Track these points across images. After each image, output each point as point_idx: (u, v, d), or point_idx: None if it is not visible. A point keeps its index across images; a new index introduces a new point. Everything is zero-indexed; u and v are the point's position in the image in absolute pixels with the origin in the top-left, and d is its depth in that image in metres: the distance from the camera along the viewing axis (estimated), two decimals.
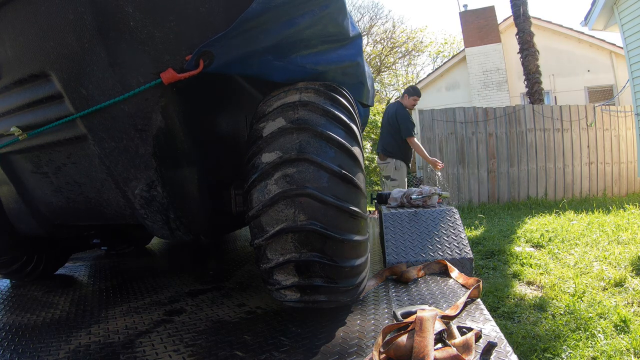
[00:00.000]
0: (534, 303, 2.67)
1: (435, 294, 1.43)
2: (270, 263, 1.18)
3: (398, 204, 2.29)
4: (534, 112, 7.76)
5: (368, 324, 1.22)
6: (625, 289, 2.73)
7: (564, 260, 3.52)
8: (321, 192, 1.14)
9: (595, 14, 7.83)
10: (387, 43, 22.06)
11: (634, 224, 4.50)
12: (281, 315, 1.35)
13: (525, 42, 9.81)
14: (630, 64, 7.22)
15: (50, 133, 1.32)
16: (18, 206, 1.68)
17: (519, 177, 7.71)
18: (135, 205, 1.37)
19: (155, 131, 1.22)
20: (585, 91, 11.51)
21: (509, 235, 4.61)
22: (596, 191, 7.90)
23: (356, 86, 1.79)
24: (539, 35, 10.51)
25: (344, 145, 1.22)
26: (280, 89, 1.33)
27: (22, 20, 1.14)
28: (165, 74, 1.13)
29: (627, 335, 2.09)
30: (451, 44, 22.77)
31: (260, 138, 1.22)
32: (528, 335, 2.19)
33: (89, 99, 1.17)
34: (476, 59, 12.26)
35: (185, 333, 1.23)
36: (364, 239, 1.29)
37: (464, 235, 1.83)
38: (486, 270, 3.48)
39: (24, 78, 1.24)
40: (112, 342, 1.19)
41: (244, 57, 1.23)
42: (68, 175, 1.47)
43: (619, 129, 8.05)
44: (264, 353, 1.06)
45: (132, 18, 1.08)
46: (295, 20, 1.31)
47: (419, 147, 4.69)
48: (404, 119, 4.62)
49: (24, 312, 1.53)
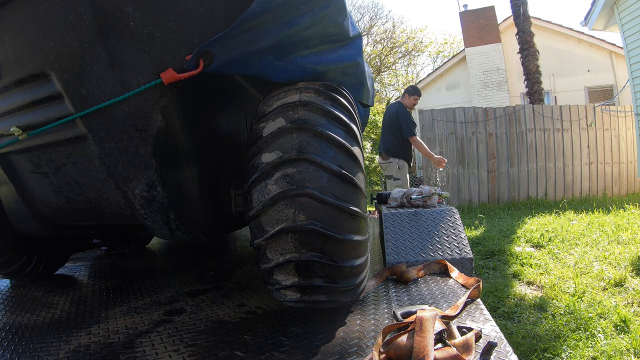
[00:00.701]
0: (534, 303, 2.67)
1: (435, 294, 1.43)
2: (270, 263, 1.18)
3: (398, 204, 2.29)
4: (534, 112, 7.76)
5: (368, 324, 1.22)
6: (625, 289, 2.73)
7: (564, 260, 3.52)
8: (321, 192, 1.14)
9: (595, 14, 7.83)
10: (387, 43, 22.08)
11: (634, 224, 4.50)
12: (281, 315, 1.35)
13: (525, 42, 9.81)
14: (630, 64, 7.21)
15: (50, 133, 1.32)
16: (18, 206, 1.68)
17: (519, 177, 7.71)
18: (135, 205, 1.37)
19: (155, 131, 1.22)
20: (585, 91, 11.50)
21: (509, 235, 4.61)
22: (596, 191, 7.90)
23: (356, 86, 1.79)
24: (539, 35, 10.51)
25: (344, 145, 1.22)
26: (280, 89, 1.33)
27: (22, 20, 1.14)
28: (165, 74, 1.13)
29: (627, 335, 2.09)
30: (451, 44, 22.81)
31: (260, 138, 1.22)
32: (528, 335, 2.19)
33: (89, 99, 1.17)
34: (476, 59, 12.26)
35: (185, 333, 1.23)
36: (364, 239, 1.29)
37: (464, 235, 1.83)
38: (486, 270, 3.48)
39: (24, 78, 1.24)
40: (112, 342, 1.18)
41: (244, 57, 1.23)
42: (68, 175, 1.47)
43: (619, 129, 8.05)
44: (264, 353, 1.06)
45: (132, 18, 1.08)
46: (295, 20, 1.31)
47: (422, 146, 4.68)
48: (405, 118, 4.63)
49: (24, 312, 1.53)
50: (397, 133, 4.68)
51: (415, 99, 4.76)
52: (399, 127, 4.64)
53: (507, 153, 7.70)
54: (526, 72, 9.84)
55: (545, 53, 10.51)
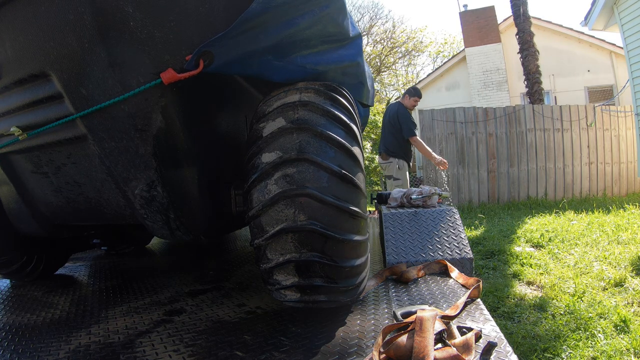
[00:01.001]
0: (534, 303, 2.67)
1: (435, 294, 1.43)
2: (270, 263, 1.18)
3: (398, 204, 2.29)
4: (534, 112, 7.76)
5: (368, 324, 1.22)
6: (625, 289, 2.73)
7: (564, 260, 3.52)
8: (321, 192, 1.14)
9: (595, 14, 7.83)
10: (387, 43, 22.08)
11: (634, 224, 4.49)
12: (281, 315, 1.35)
13: (525, 42, 9.81)
14: (630, 64, 7.21)
15: (50, 133, 1.32)
16: (18, 206, 1.68)
17: (519, 177, 7.71)
18: (135, 205, 1.37)
19: (155, 131, 1.22)
20: (585, 91, 11.50)
21: (509, 235, 4.61)
22: (596, 191, 7.90)
23: (356, 86, 1.79)
24: (539, 35, 10.51)
25: (344, 145, 1.22)
26: (280, 89, 1.33)
27: (22, 20, 1.14)
28: (165, 74, 1.13)
29: (627, 335, 2.09)
30: (451, 44, 22.80)
31: (260, 138, 1.22)
32: (528, 335, 2.19)
33: (89, 99, 1.17)
34: (476, 59, 12.26)
35: (185, 333, 1.23)
36: (364, 239, 1.29)
37: (464, 235, 1.83)
38: (486, 270, 3.48)
39: (24, 78, 1.24)
40: (112, 342, 1.18)
41: (244, 57, 1.23)
42: (68, 175, 1.47)
43: (619, 129, 8.05)
44: (264, 353, 1.06)
45: (132, 18, 1.08)
46: (295, 20, 1.31)
47: (423, 147, 4.66)
48: (405, 118, 4.63)
49: (24, 312, 1.53)
50: (397, 133, 4.68)
51: (415, 101, 4.75)
52: (399, 128, 4.64)
53: (507, 153, 7.70)
54: (526, 72, 9.84)
55: (545, 53, 10.52)
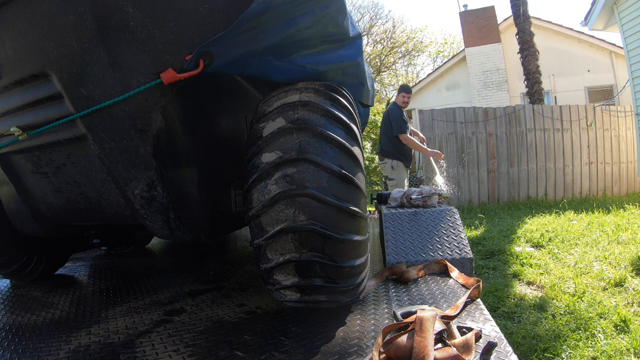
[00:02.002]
0: (534, 303, 2.67)
1: (435, 294, 1.43)
2: (270, 263, 1.18)
3: (398, 204, 2.29)
4: (534, 112, 7.76)
5: (368, 324, 1.22)
6: (625, 289, 2.73)
7: (564, 260, 3.52)
8: (321, 192, 1.13)
9: (595, 14, 7.83)
10: (387, 43, 22.08)
11: (634, 224, 4.49)
12: (281, 315, 1.35)
13: (525, 42, 9.81)
14: (630, 64, 7.21)
15: (50, 133, 1.32)
16: (18, 206, 1.68)
17: (519, 177, 7.71)
18: (135, 205, 1.37)
19: (155, 131, 1.22)
20: (585, 91, 11.50)
21: (509, 235, 4.61)
22: (596, 191, 7.90)
23: (356, 86, 1.79)
24: (539, 35, 10.51)
25: (344, 145, 1.22)
26: (280, 89, 1.33)
27: (22, 20, 1.14)
28: (165, 74, 1.13)
29: (627, 335, 2.09)
30: (451, 44, 22.80)
31: (260, 138, 1.22)
32: (528, 335, 2.19)
33: (89, 99, 1.17)
34: (476, 59, 12.27)
35: (185, 333, 1.23)
36: (364, 239, 1.29)
37: (464, 235, 1.83)
38: (486, 270, 3.48)
39: (24, 78, 1.24)
40: (112, 342, 1.18)
41: (244, 57, 1.23)
42: (68, 175, 1.47)
43: (619, 129, 8.05)
44: (264, 353, 1.06)
45: (132, 18, 1.08)
46: (295, 20, 1.31)
47: (412, 142, 4.66)
48: (395, 117, 4.66)
49: (24, 312, 1.53)
50: (389, 133, 4.72)
51: (403, 97, 4.78)
52: (390, 127, 4.67)
53: (507, 153, 7.70)
54: (526, 72, 9.84)
55: (545, 53, 10.52)
